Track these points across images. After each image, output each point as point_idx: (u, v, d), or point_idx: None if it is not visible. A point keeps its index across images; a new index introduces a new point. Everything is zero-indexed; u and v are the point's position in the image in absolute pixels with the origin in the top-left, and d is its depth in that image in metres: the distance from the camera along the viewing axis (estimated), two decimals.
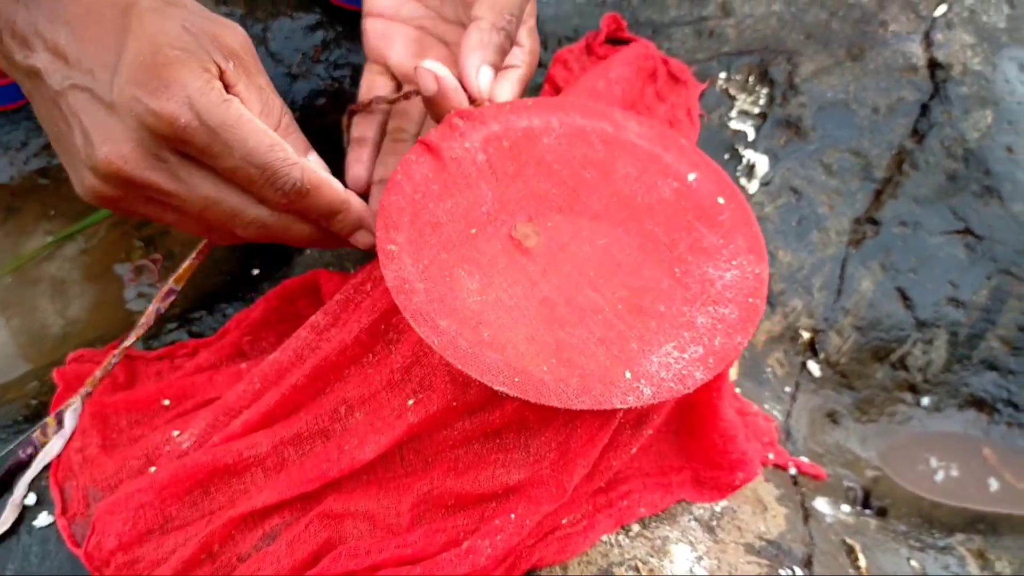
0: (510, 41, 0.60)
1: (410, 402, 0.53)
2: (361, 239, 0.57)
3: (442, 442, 0.55)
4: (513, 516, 0.53)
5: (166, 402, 0.62)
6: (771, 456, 0.66)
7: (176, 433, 0.58)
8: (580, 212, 0.57)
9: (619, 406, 0.48)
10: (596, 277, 0.55)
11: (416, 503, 0.55)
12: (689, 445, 0.61)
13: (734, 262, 0.55)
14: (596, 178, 0.58)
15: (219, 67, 0.49)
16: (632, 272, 0.55)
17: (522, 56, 0.63)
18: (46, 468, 0.60)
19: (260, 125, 0.49)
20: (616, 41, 0.83)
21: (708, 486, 0.61)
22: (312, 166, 0.53)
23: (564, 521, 0.57)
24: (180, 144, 0.48)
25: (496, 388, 0.48)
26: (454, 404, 0.53)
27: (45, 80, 0.50)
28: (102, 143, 0.48)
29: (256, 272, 0.73)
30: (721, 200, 0.57)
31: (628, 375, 0.50)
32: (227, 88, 0.50)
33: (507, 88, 0.61)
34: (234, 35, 0.51)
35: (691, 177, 0.58)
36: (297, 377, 0.56)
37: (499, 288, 0.54)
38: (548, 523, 0.56)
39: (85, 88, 0.49)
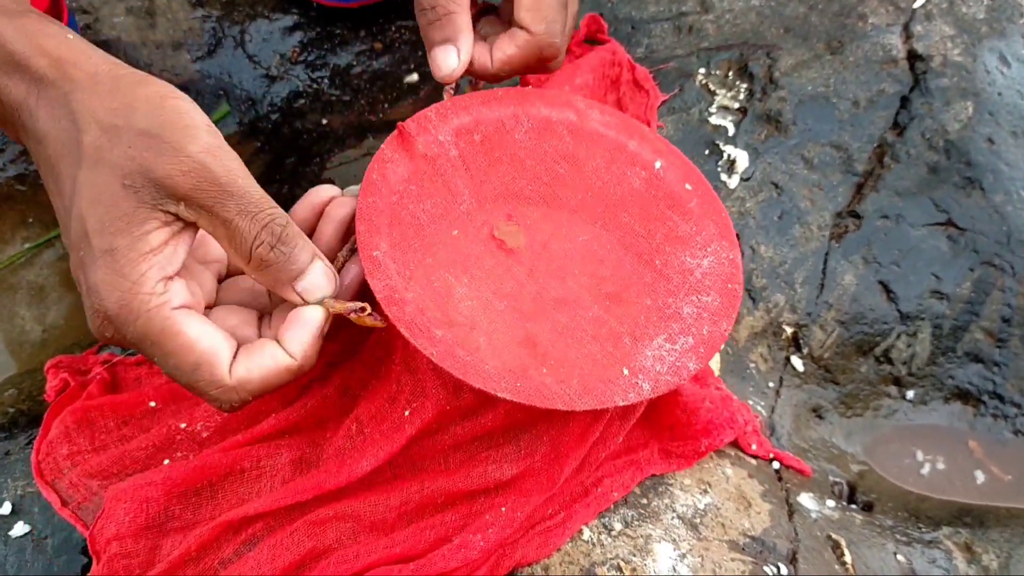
0: None
1: (406, 412, 0.53)
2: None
3: (433, 447, 0.55)
4: (504, 509, 0.53)
5: (152, 404, 0.61)
6: (754, 447, 0.65)
7: (184, 425, 0.57)
8: (557, 208, 0.58)
9: (621, 403, 0.49)
10: (581, 274, 0.55)
11: (404, 501, 0.54)
12: (653, 423, 0.61)
13: (708, 248, 0.55)
14: (568, 172, 0.58)
15: (171, 213, 0.44)
16: (615, 266, 0.55)
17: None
18: (24, 477, 0.59)
19: (188, 337, 0.44)
20: (595, 42, 0.83)
21: (675, 455, 0.61)
22: (253, 373, 0.46)
23: (547, 511, 0.57)
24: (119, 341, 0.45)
25: (499, 395, 0.47)
26: (447, 408, 0.52)
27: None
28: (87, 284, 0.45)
29: None
30: (688, 187, 0.57)
31: (626, 372, 0.50)
32: (185, 226, 0.45)
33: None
34: (180, 166, 0.43)
35: (657, 165, 0.58)
36: (328, 389, 0.56)
37: (488, 291, 0.54)
38: (529, 518, 0.56)
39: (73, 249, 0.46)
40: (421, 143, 0.56)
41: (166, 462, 0.56)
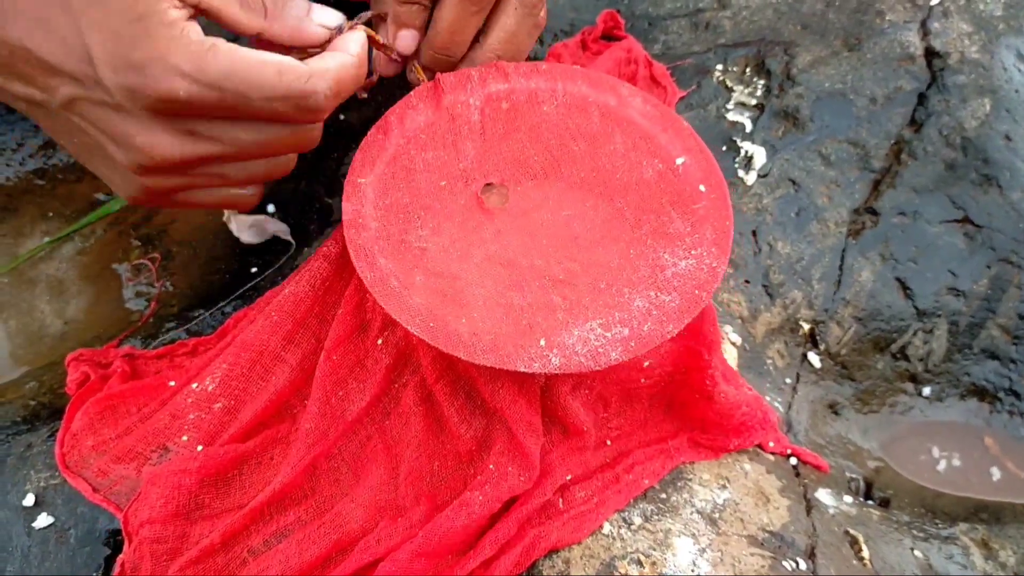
0: None
1: (379, 341, 0.56)
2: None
3: (411, 412, 0.57)
4: (492, 467, 0.54)
5: (172, 383, 0.62)
6: (771, 444, 0.66)
7: (195, 386, 0.58)
8: (555, 181, 0.58)
9: (522, 369, 0.50)
10: (548, 246, 0.55)
11: (407, 474, 0.56)
12: (684, 418, 0.62)
13: (694, 252, 0.54)
14: (582, 150, 0.58)
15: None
16: (586, 247, 0.55)
17: None
18: (47, 469, 0.60)
19: (256, 57, 0.47)
20: (611, 38, 0.83)
21: (704, 446, 0.62)
22: (327, 63, 0.50)
23: (580, 495, 0.57)
24: (198, 110, 0.47)
25: (410, 329, 0.50)
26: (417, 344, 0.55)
27: (40, 104, 0.49)
28: (133, 140, 0.47)
29: (255, 270, 0.73)
30: (703, 188, 0.57)
31: (543, 343, 0.51)
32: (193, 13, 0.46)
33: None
34: None
35: (679, 161, 0.58)
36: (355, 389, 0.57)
37: (447, 239, 0.55)
38: (564, 501, 0.57)
39: (84, 98, 0.47)
40: (448, 100, 0.58)
41: (184, 438, 0.57)
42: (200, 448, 0.56)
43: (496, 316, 0.52)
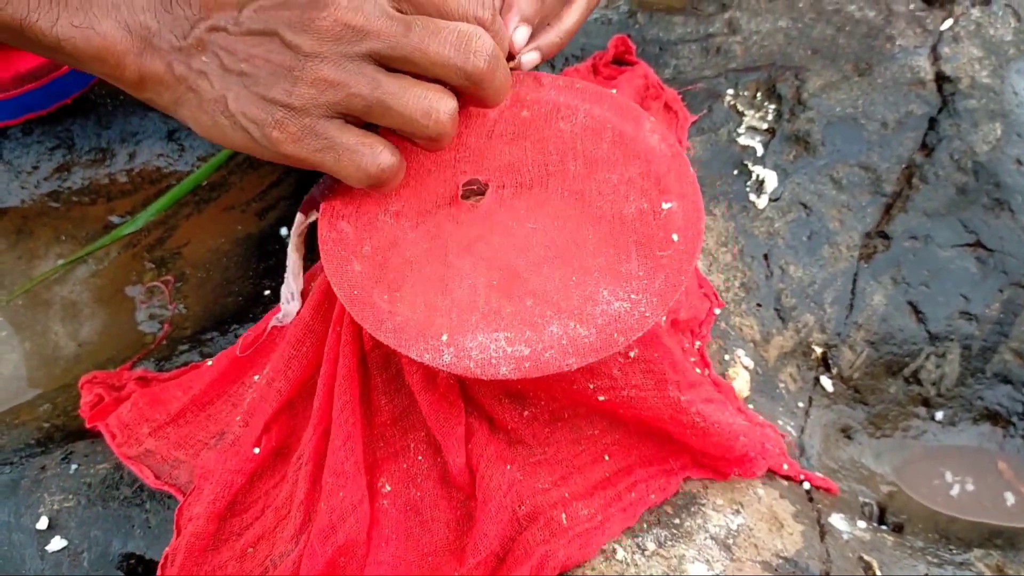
0: None
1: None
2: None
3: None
4: (509, 467, 0.57)
5: (209, 362, 0.65)
6: (785, 467, 0.65)
7: (257, 378, 0.61)
8: (537, 193, 0.58)
9: (413, 356, 0.51)
10: (498, 251, 0.55)
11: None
12: (684, 446, 0.62)
13: (634, 296, 0.53)
14: (577, 171, 0.58)
15: None
16: (534, 262, 0.55)
17: None
18: (60, 492, 0.60)
19: None
20: (623, 63, 0.84)
21: (708, 468, 0.62)
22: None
23: (584, 513, 0.57)
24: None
25: (335, 291, 0.52)
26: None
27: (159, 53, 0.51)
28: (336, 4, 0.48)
29: (268, 292, 0.73)
30: (676, 238, 0.56)
31: (444, 338, 0.51)
32: None
33: (572, 17, 0.64)
34: None
35: (665, 206, 0.57)
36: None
37: (411, 218, 0.56)
38: (569, 519, 0.57)
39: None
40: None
41: (237, 418, 0.59)
42: (257, 451, 0.58)
43: (417, 302, 0.53)
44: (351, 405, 0.56)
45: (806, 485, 0.66)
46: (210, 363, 0.64)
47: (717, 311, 0.71)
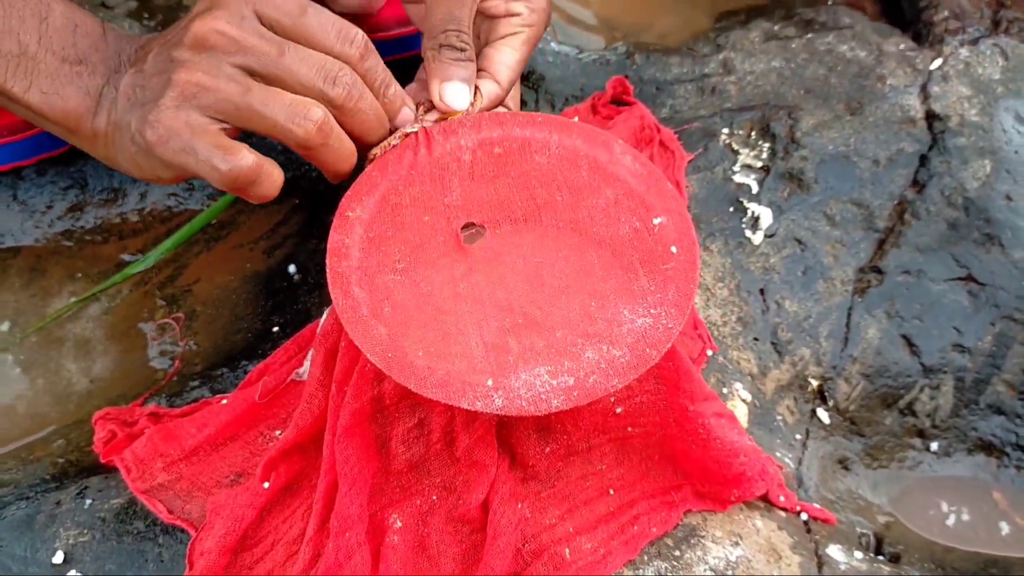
0: (462, 42, 0.62)
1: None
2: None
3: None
4: (520, 506, 0.58)
5: (224, 402, 0.66)
6: (782, 499, 0.67)
7: (278, 433, 0.63)
8: (534, 227, 0.59)
9: (465, 406, 0.51)
10: (514, 289, 0.57)
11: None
12: (684, 468, 0.63)
13: (653, 311, 0.55)
14: (566, 201, 0.60)
15: None
16: (551, 294, 0.56)
17: (523, 19, 0.66)
18: (76, 527, 0.61)
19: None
20: (621, 103, 0.86)
21: (708, 498, 0.63)
22: None
23: (588, 547, 0.59)
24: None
25: (369, 357, 0.52)
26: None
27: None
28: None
29: (276, 329, 0.75)
30: (674, 249, 0.58)
31: (490, 383, 0.52)
32: None
33: (509, 54, 0.65)
34: None
35: (656, 221, 0.59)
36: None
37: (421, 273, 0.57)
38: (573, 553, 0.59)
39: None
40: (439, 144, 0.61)
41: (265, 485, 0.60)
42: (267, 485, 0.59)
43: (452, 352, 0.53)
44: (355, 457, 0.57)
45: (804, 516, 0.68)
46: (224, 402, 0.65)
47: (710, 352, 0.73)
